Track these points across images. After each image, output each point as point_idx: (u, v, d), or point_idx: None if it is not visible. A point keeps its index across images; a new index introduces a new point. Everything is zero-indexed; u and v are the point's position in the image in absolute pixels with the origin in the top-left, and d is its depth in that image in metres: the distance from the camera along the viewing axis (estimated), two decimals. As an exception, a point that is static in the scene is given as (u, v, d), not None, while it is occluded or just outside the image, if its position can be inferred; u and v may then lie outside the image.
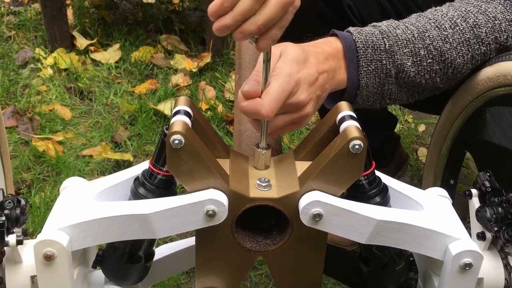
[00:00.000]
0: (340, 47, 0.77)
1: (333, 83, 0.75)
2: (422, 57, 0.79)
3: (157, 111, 1.88)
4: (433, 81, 0.82)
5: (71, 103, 1.95)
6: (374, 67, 0.77)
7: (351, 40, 0.78)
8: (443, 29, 0.80)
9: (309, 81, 0.69)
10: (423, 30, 0.80)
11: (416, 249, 0.65)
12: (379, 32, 0.79)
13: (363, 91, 0.79)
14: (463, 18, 0.81)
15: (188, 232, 1.38)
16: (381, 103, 0.82)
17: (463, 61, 0.82)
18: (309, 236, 0.65)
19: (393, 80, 0.79)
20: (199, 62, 2.19)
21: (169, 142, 0.59)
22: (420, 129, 1.96)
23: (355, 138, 0.59)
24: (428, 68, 0.80)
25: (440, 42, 0.79)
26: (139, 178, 0.66)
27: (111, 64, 2.15)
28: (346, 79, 0.77)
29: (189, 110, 0.64)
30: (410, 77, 0.80)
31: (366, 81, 0.78)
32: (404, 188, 0.71)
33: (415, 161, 1.76)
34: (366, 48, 0.77)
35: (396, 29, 0.80)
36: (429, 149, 1.07)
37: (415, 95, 0.84)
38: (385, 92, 0.80)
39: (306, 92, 0.69)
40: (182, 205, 0.61)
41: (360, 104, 0.81)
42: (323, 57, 0.74)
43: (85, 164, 1.66)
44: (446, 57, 0.80)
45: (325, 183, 0.62)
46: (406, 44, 0.79)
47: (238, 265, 0.67)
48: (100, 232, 0.62)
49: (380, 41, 0.78)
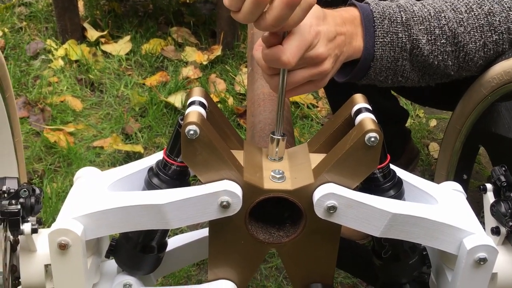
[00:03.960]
0: (358, 15, 0.77)
1: (349, 48, 0.75)
2: (437, 36, 0.79)
3: (168, 103, 1.89)
4: (445, 64, 0.82)
5: (82, 95, 1.96)
6: (390, 39, 0.77)
7: (368, 10, 0.78)
8: (459, 12, 0.80)
9: (328, 37, 0.69)
10: (440, 10, 0.80)
11: (430, 243, 0.65)
12: (397, 6, 0.79)
13: (377, 64, 0.78)
14: (478, 4, 0.81)
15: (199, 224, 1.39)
16: (392, 80, 0.82)
17: (475, 47, 0.82)
18: (323, 228, 0.65)
19: (407, 56, 0.79)
20: (210, 55, 2.18)
21: (184, 132, 0.59)
22: (432, 124, 1.94)
23: (371, 131, 0.59)
24: (442, 48, 0.80)
25: (455, 24, 0.79)
26: (153, 169, 0.66)
27: (122, 56, 2.16)
28: (362, 47, 0.77)
29: (204, 101, 0.64)
30: (424, 56, 0.80)
31: (381, 53, 0.77)
32: (418, 181, 0.70)
33: (426, 156, 1.75)
34: (383, 19, 0.77)
35: (413, 5, 0.80)
36: (442, 143, 1.06)
37: (425, 77, 0.84)
38: (398, 69, 0.80)
39: (325, 46, 0.68)
40: (196, 195, 0.61)
41: (372, 78, 0.81)
42: (341, 21, 0.74)
43: (96, 155, 1.67)
44: (459, 39, 0.80)
45: (340, 175, 0.62)
46: (422, 21, 0.79)
47: (250, 257, 0.67)
48: (114, 222, 0.63)
49: (397, 14, 0.78)
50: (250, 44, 1.09)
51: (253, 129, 0.82)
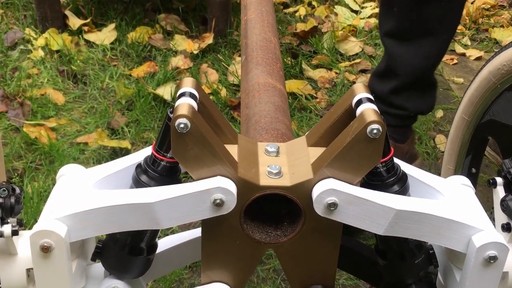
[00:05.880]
0: None
1: None
2: None
3: (156, 95, 1.88)
4: None
5: (64, 87, 1.95)
6: None
7: None
8: None
9: None
10: None
11: (436, 241, 0.65)
12: None
13: None
14: None
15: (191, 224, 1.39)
16: None
17: None
18: (323, 227, 0.65)
19: None
20: (201, 43, 2.18)
21: (174, 126, 0.59)
22: (438, 115, 1.95)
23: (373, 122, 0.59)
24: None
25: None
26: (141, 165, 0.66)
27: (106, 46, 2.15)
28: None
29: (195, 92, 0.64)
30: None
31: None
32: (424, 176, 0.71)
33: (432, 149, 1.76)
34: None
35: None
36: (449, 135, 1.07)
37: None
38: None
39: None
40: (188, 193, 0.61)
41: None
42: None
43: (80, 152, 1.66)
44: None
45: (341, 170, 0.62)
46: None
47: (246, 258, 0.67)
48: (101, 222, 0.63)
49: None
50: (243, 31, 1.09)
51: (248, 122, 0.82)
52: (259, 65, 0.95)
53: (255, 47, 1.00)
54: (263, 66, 0.95)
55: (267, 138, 0.77)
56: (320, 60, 2.24)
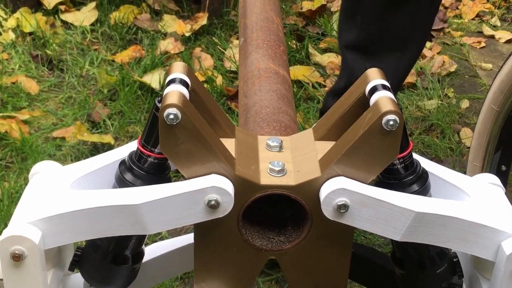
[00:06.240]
0: None
1: None
2: None
3: (143, 84, 1.88)
4: None
5: (38, 75, 1.95)
6: None
7: None
8: None
9: None
10: None
11: (461, 248, 0.65)
12: None
13: None
14: None
15: (182, 229, 1.39)
16: None
17: None
18: (332, 232, 0.65)
19: None
20: (193, 25, 2.18)
21: (163, 117, 0.59)
22: (463, 106, 1.95)
23: (389, 112, 0.59)
24: None
25: None
26: (125, 162, 0.66)
27: (86, 27, 2.15)
28: None
29: (186, 79, 0.64)
30: None
31: None
32: (447, 174, 0.71)
33: (457, 145, 1.76)
34: None
35: None
36: (476, 128, 1.07)
37: None
38: None
39: None
40: (178, 193, 0.61)
41: None
42: None
43: (57, 148, 1.67)
44: None
45: (352, 167, 0.62)
46: None
47: (245, 267, 0.67)
48: (79, 227, 0.63)
49: None
50: (242, 10, 1.09)
51: (247, 113, 0.82)
52: (259, 48, 0.95)
53: (255, 27, 1.00)
54: (264, 50, 0.95)
55: (269, 131, 0.78)
56: (329, 44, 2.24)
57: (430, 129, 1.87)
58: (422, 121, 1.89)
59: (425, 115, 1.91)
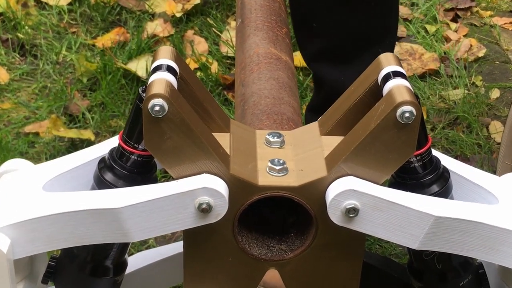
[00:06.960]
0: None
1: None
2: None
3: (128, 71, 1.89)
4: None
5: (8, 61, 1.96)
6: None
7: None
8: None
9: None
10: None
11: (487, 257, 0.66)
12: None
13: None
14: None
15: (172, 236, 1.40)
16: None
17: None
18: (340, 239, 0.65)
19: None
20: (185, 4, 2.18)
21: (147, 109, 0.59)
22: (493, 96, 1.95)
23: (405, 103, 0.59)
24: None
25: None
26: (105, 160, 0.67)
27: (63, 7, 2.15)
28: None
29: (174, 65, 0.64)
30: None
31: None
32: (473, 173, 0.71)
33: (485, 140, 1.76)
34: None
35: None
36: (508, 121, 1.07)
37: None
38: None
39: None
40: (165, 196, 0.61)
41: None
42: None
43: (29, 145, 1.67)
44: None
45: (363, 165, 0.62)
46: None
47: (242, 280, 0.68)
48: (53, 234, 0.63)
49: None
50: (239, -13, 1.09)
51: (244, 104, 0.83)
52: (258, 31, 0.95)
53: (254, 7, 1.00)
54: (264, 32, 0.95)
55: (269, 124, 0.78)
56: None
57: (455, 122, 1.86)
58: (446, 114, 1.88)
59: (450, 106, 1.91)
